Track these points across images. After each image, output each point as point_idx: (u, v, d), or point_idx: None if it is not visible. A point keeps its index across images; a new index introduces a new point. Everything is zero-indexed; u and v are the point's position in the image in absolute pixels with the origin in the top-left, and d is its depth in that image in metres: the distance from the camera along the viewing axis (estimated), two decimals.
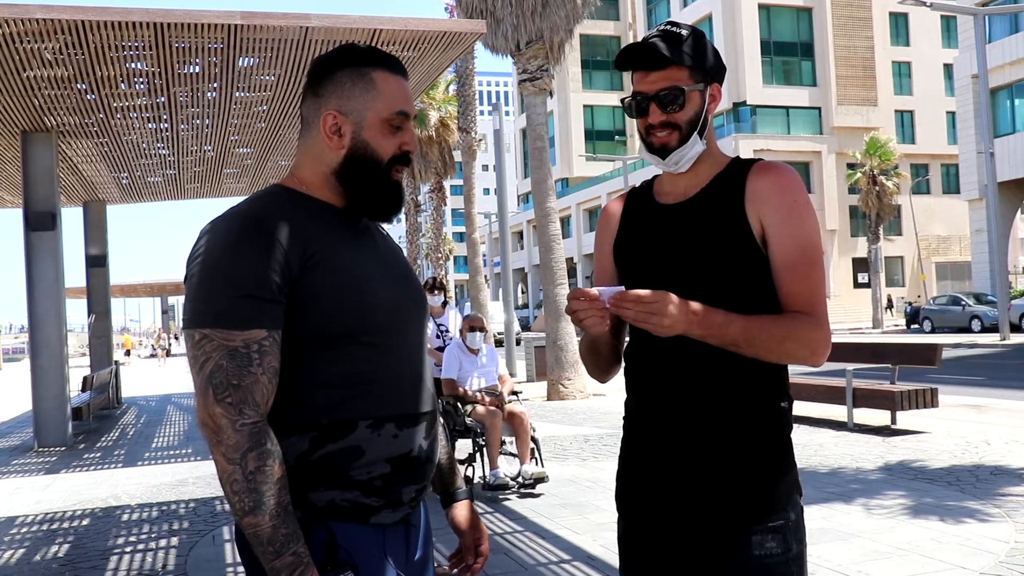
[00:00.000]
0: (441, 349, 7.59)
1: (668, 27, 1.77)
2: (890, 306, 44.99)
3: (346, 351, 1.54)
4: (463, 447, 7.86)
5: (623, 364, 1.91)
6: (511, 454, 7.16)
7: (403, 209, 2.06)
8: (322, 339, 1.53)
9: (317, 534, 1.51)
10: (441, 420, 1.78)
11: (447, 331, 7.94)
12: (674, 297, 1.61)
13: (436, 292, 7.91)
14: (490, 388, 7.11)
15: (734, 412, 1.72)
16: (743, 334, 1.64)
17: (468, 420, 6.91)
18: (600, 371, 1.94)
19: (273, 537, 1.43)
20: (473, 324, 7.11)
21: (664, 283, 1.65)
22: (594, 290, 1.64)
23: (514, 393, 7.26)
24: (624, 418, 1.91)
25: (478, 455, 6.96)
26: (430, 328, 6.70)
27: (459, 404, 6.99)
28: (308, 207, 1.60)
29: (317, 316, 1.52)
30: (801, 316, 1.70)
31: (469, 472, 7.04)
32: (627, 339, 1.92)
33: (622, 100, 1.86)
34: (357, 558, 1.51)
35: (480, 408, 6.80)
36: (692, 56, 1.74)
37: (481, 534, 1.85)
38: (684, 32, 1.75)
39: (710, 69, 1.77)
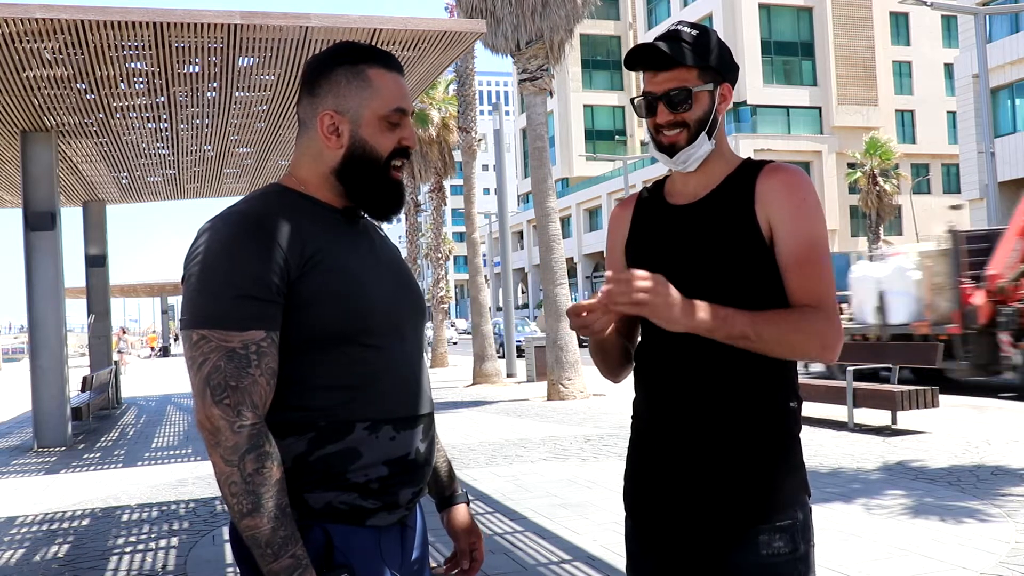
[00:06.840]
0: None
1: (678, 27, 1.78)
2: None
3: (343, 353, 1.53)
4: None
5: (634, 363, 1.90)
6: None
7: (403, 209, 2.04)
8: (319, 341, 1.52)
9: (313, 536, 1.50)
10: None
11: None
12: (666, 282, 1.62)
13: None
14: None
15: (744, 412, 1.73)
16: (751, 325, 1.63)
17: None
18: (610, 371, 1.94)
19: (271, 539, 1.42)
20: None
21: (676, 283, 1.64)
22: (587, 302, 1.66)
23: None
24: (633, 417, 1.91)
25: None
26: None
27: None
28: (307, 207, 1.59)
29: (315, 317, 1.51)
30: (808, 309, 1.69)
31: None
32: (639, 339, 1.91)
33: (632, 99, 1.86)
34: (353, 560, 1.51)
35: None
36: (701, 56, 1.74)
37: (477, 539, 1.84)
38: (694, 32, 1.76)
39: (720, 69, 1.77)
